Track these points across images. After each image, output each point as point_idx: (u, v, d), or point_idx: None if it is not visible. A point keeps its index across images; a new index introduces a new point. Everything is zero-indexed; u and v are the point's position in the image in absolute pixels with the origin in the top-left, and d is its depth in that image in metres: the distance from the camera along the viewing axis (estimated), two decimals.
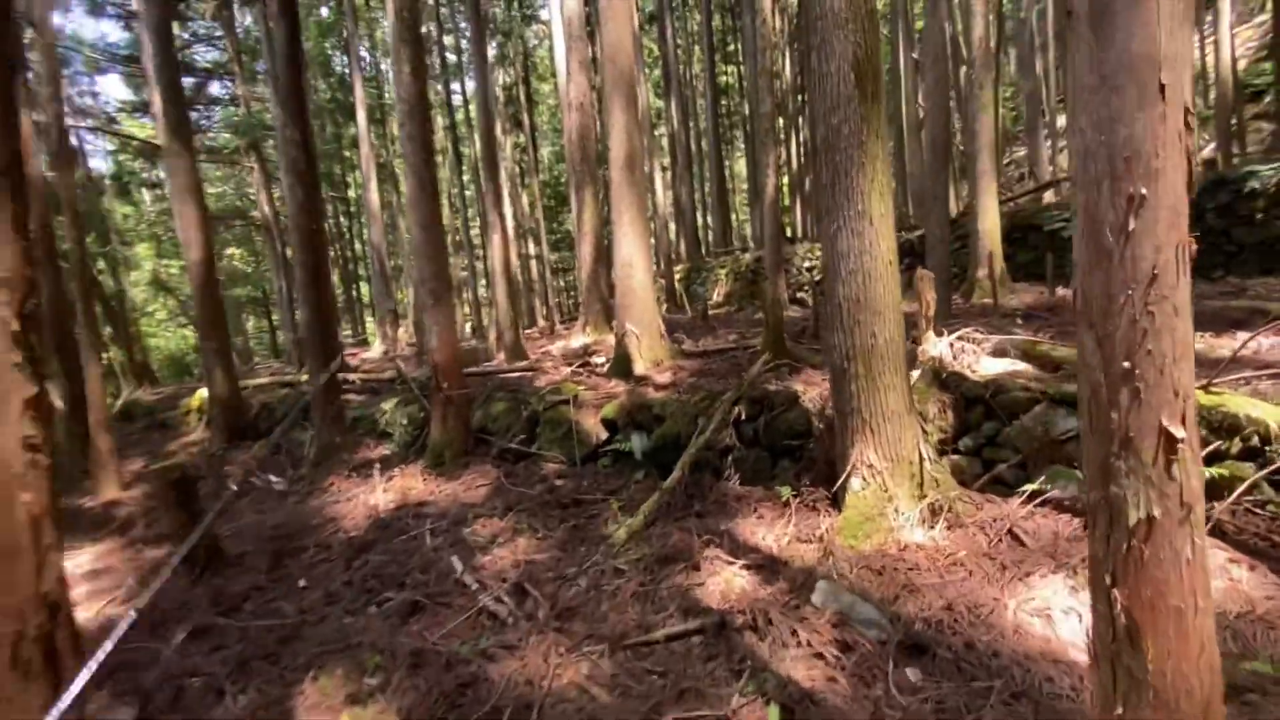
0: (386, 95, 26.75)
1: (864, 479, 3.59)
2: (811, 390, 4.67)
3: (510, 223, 22.21)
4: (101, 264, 17.17)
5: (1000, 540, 3.38)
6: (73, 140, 19.99)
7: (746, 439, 4.69)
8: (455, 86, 27.60)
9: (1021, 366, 4.34)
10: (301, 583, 4.19)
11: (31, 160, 6.92)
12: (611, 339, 10.99)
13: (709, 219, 25.65)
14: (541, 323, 22.02)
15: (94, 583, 4.58)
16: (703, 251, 22.88)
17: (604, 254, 12.19)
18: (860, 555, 3.37)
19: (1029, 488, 3.60)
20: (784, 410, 4.56)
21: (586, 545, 4.17)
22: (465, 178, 26.41)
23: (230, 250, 29.63)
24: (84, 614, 4.09)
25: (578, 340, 11.42)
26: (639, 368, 6.63)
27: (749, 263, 17.30)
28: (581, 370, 7.43)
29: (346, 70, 22.73)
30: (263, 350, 30.84)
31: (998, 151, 13.58)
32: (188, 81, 23.39)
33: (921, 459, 3.64)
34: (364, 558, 4.39)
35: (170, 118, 8.05)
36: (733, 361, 6.31)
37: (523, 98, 25.34)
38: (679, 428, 4.96)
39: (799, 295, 14.82)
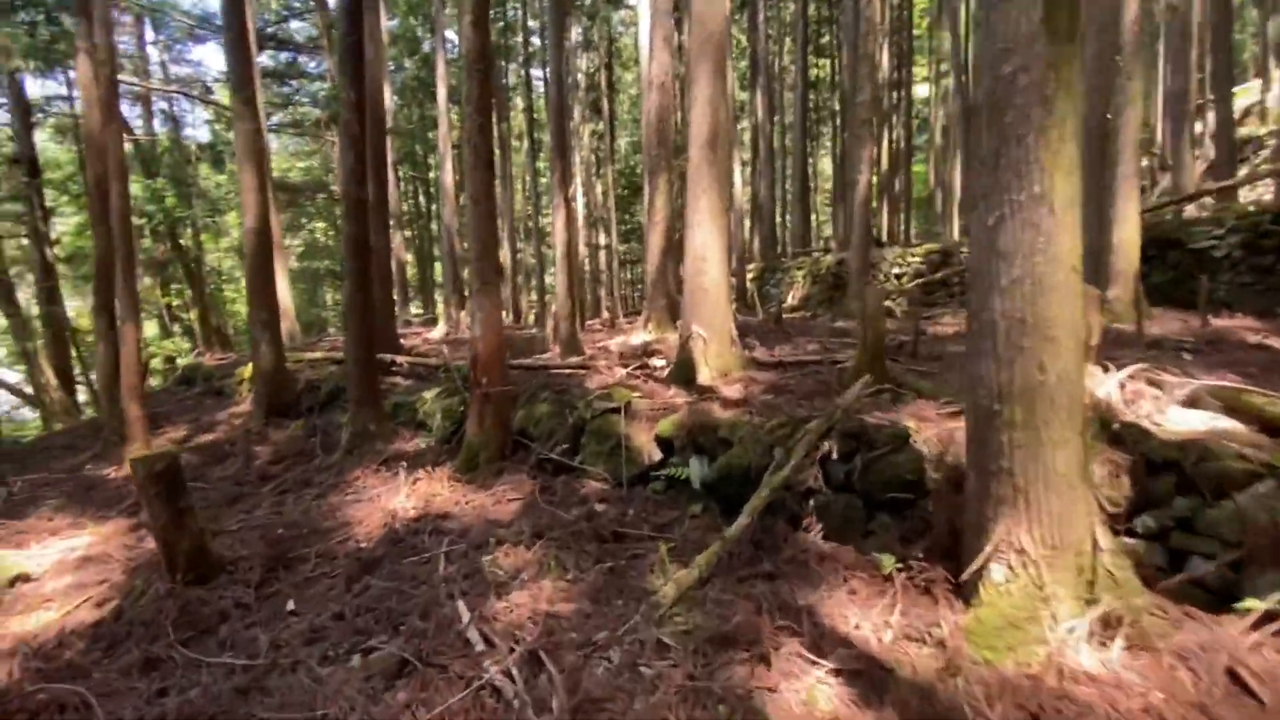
0: None
1: (1010, 567, 2.60)
2: (926, 429, 3.66)
3: (581, 210, 21.67)
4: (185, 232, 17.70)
5: (1214, 685, 2.33)
6: (170, 107, 20.84)
7: (835, 482, 3.74)
8: (537, 72, 27.27)
9: (1228, 424, 3.19)
10: (290, 605, 3.57)
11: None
12: (674, 338, 10.12)
13: (787, 217, 24.30)
14: (604, 315, 21.41)
15: (80, 573, 4.13)
16: (778, 251, 21.64)
17: (674, 246, 11.33)
18: (1001, 679, 2.39)
19: (1256, 605, 2.51)
20: (889, 451, 3.58)
21: (625, 598, 3.35)
22: (541, 164, 26.09)
23: (315, 224, 30.52)
24: (50, 614, 3.61)
25: (638, 337, 10.63)
26: (703, 376, 5.75)
27: (830, 265, 16.02)
28: (638, 373, 6.61)
29: (432, 49, 22.75)
30: (337, 323, 31.71)
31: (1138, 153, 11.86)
32: (282, 56, 24.07)
33: (1095, 546, 2.61)
34: (366, 580, 3.72)
35: (236, 80, 7.75)
36: (817, 380, 5.33)
37: (604, 84, 24.72)
38: (749, 458, 4.05)
39: (885, 304, 13.49)
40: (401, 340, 11.86)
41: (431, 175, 30.18)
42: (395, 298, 18.78)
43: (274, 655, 3.00)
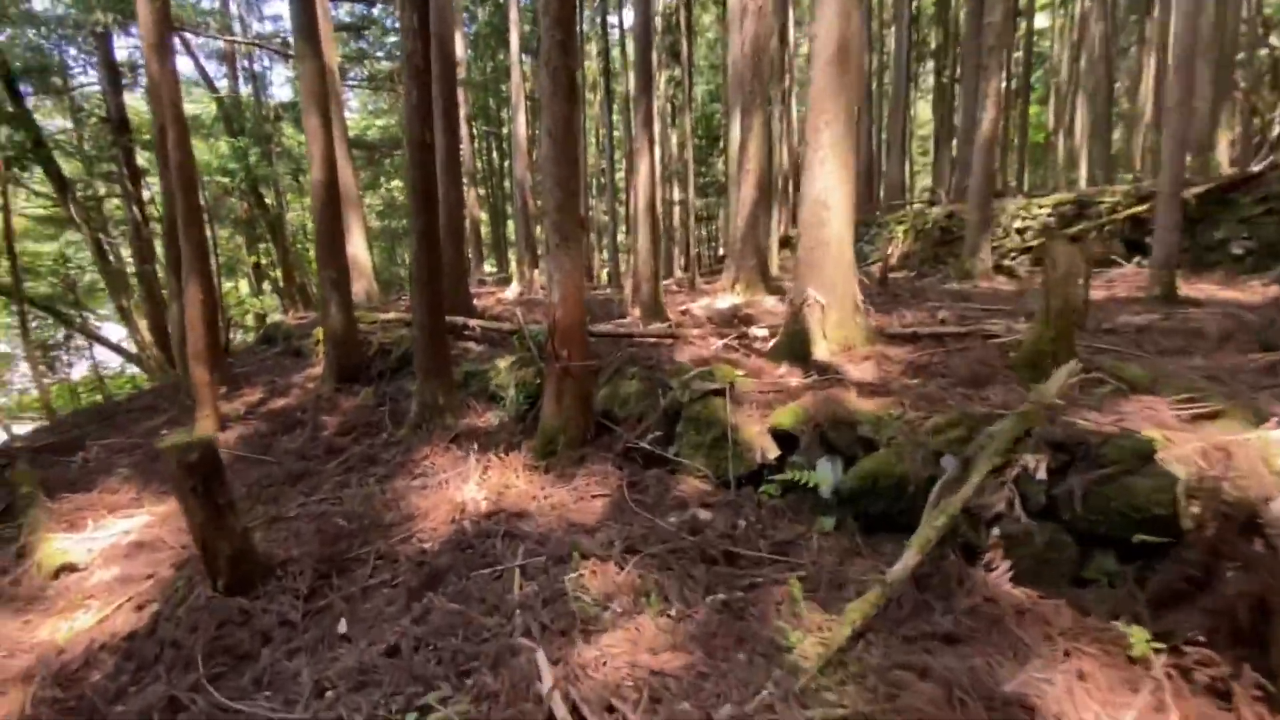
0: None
1: None
2: (1177, 441, 2.61)
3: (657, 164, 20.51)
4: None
5: None
6: (255, 66, 20.98)
7: (1033, 506, 2.77)
8: (613, 19, 25.83)
9: None
10: (341, 627, 2.99)
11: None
12: (768, 301, 9.09)
13: (884, 166, 22.19)
14: (679, 274, 20.42)
15: (129, 563, 3.75)
16: (871, 204, 19.77)
17: (766, 195, 10.19)
18: None
19: None
20: (1123, 472, 2.56)
21: (748, 650, 2.56)
22: (615, 117, 24.85)
23: (394, 182, 30.72)
24: (87, 618, 3.19)
25: (724, 300, 9.66)
26: (820, 351, 4.79)
27: (937, 218, 14.30)
28: (736, 344, 5.70)
29: None
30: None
31: None
32: (358, 9, 23.74)
33: None
34: (428, 599, 3.10)
35: (298, 13, 7.14)
36: (972, 359, 4.26)
37: (683, 24, 23.08)
38: (904, 466, 3.12)
39: (1005, 263, 11.85)
40: (475, 300, 11.38)
41: (505, 131, 29.58)
42: (469, 255, 18.45)
43: (315, 707, 2.41)
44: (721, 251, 30.26)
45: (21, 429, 12.25)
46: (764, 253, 9.77)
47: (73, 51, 12.44)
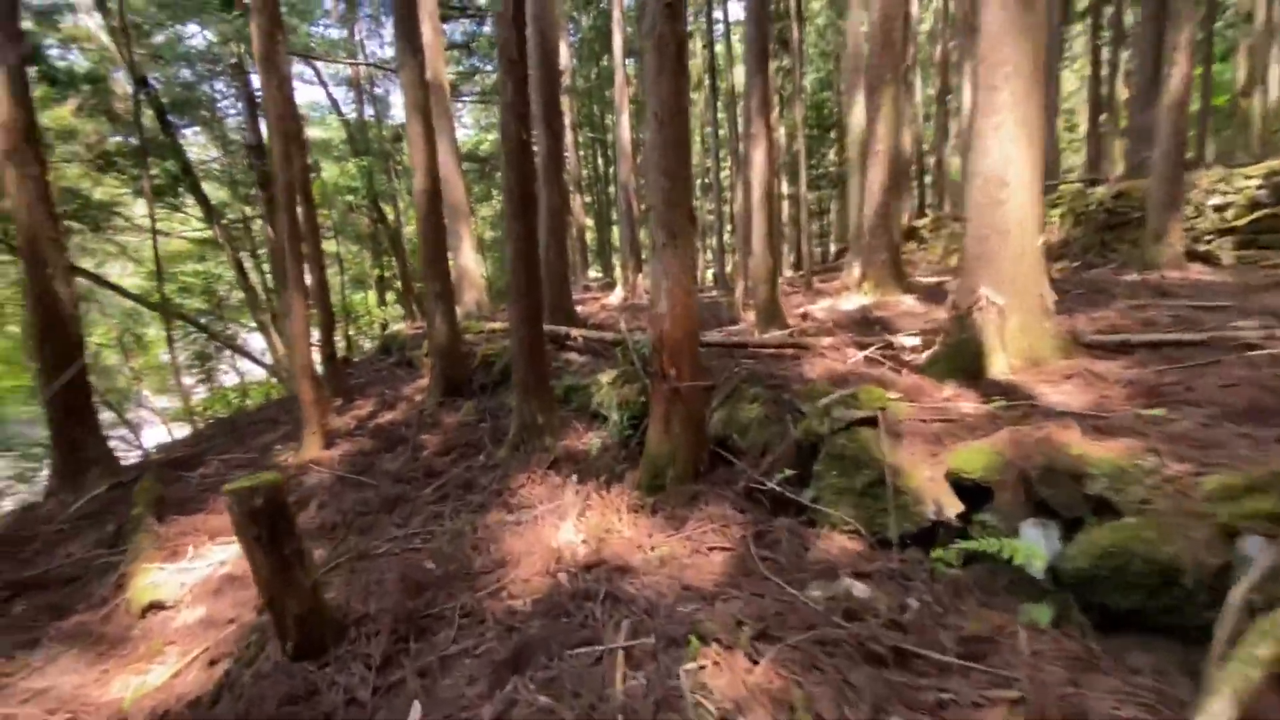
0: None
1: None
2: None
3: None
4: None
5: None
6: (377, 89, 22.22)
7: None
8: (718, 15, 25.02)
9: None
10: (415, 711, 2.49)
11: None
12: (903, 300, 7.95)
13: None
14: (788, 273, 19.23)
15: (216, 602, 3.51)
16: None
17: (897, 180, 9.02)
18: None
19: None
20: None
21: None
22: (720, 114, 23.99)
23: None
24: (160, 670, 2.92)
25: (850, 301, 8.61)
26: (998, 366, 3.79)
27: (1102, 199, 12.23)
28: (879, 356, 4.76)
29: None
30: None
31: None
32: (470, 27, 24.54)
33: None
34: (514, 684, 2.53)
35: (401, 19, 7.04)
36: (1237, 380, 3.10)
37: (793, 11, 21.84)
38: (1170, 543, 2.14)
39: (1200, 248, 9.80)
40: (579, 306, 11.05)
41: (609, 137, 29.59)
42: (574, 260, 18.37)
43: None
44: (834, 247, 28.51)
45: (183, 431, 13.51)
46: (897, 246, 8.61)
47: (219, 85, 13.52)
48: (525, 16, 5.04)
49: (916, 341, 4.78)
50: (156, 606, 3.45)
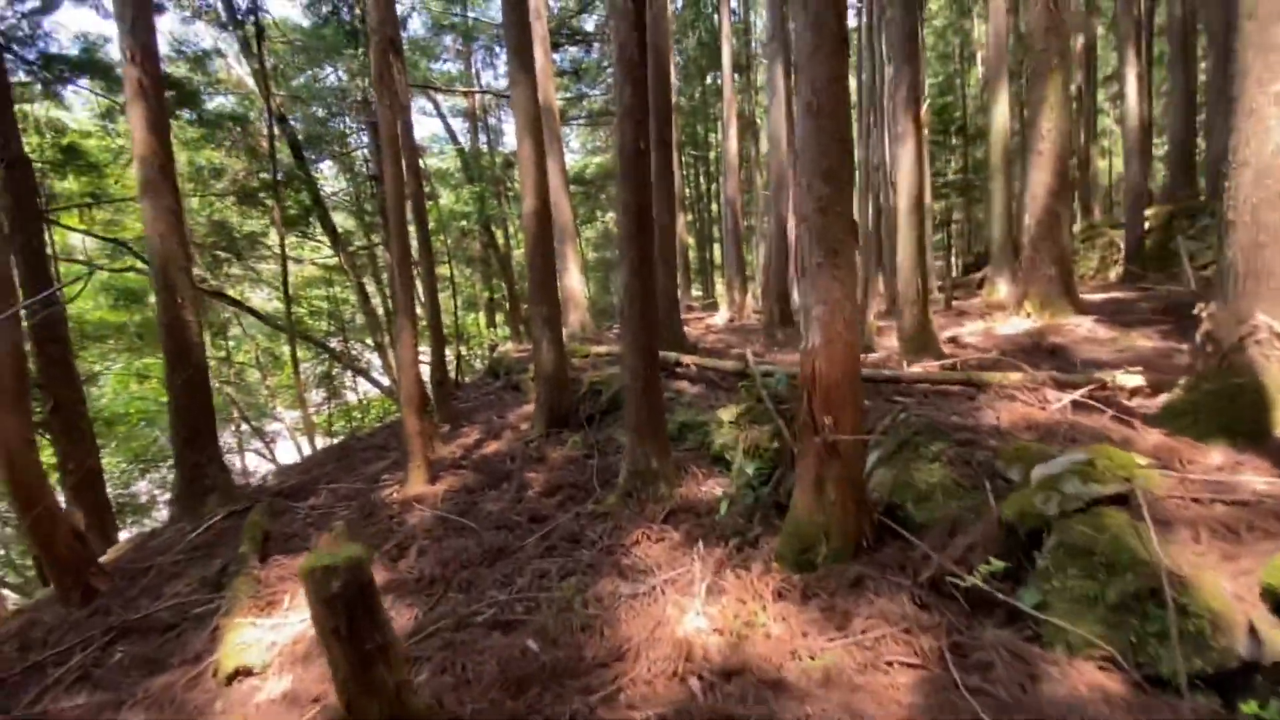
0: (751, 42, 24.81)
1: None
2: None
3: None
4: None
5: None
6: (490, 119, 23.02)
7: None
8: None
9: None
10: None
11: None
12: (1081, 323, 6.66)
13: (1197, 139, 16.98)
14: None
15: (304, 669, 3.14)
16: (1191, 188, 15.08)
17: (1066, 183, 7.72)
18: None
19: None
20: None
21: None
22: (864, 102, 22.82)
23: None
24: None
25: (1010, 323, 7.40)
26: None
27: None
28: (1090, 399, 3.73)
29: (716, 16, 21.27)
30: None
31: None
32: (577, 54, 25.00)
33: None
34: None
35: (513, 41, 6.83)
36: None
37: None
38: None
39: None
40: (685, 327, 10.43)
41: (712, 155, 29.06)
42: (679, 281, 17.88)
43: None
44: (958, 261, 26.16)
45: (308, 445, 14.24)
46: (1067, 259, 7.29)
47: (347, 119, 14.31)
48: (645, 18, 4.53)
49: (1139, 381, 3.70)
50: (243, 673, 3.13)
